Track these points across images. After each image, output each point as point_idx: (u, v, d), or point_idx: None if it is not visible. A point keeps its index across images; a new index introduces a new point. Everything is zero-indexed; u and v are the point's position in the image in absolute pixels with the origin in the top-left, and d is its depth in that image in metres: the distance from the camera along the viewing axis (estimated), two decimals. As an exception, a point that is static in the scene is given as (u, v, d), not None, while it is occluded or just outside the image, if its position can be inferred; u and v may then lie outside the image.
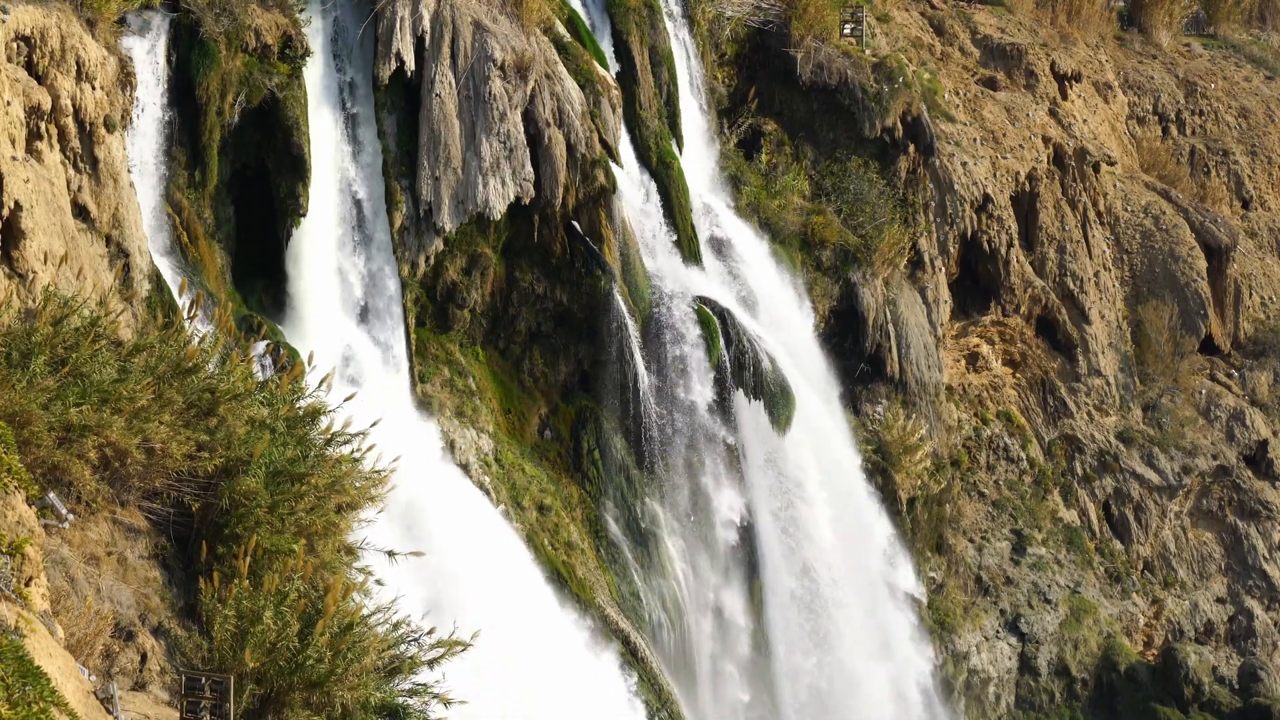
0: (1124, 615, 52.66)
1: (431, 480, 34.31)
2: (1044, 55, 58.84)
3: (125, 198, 30.03)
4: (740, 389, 41.02)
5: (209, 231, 34.14)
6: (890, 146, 49.06)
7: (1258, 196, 64.05)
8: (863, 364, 47.46)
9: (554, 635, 35.51)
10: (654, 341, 40.11)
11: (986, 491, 52.34)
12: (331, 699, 17.43)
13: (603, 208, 39.49)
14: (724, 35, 48.43)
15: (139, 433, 18.65)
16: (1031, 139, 54.79)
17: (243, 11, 34.07)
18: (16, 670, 13.03)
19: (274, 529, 19.07)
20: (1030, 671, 50.48)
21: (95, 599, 17.53)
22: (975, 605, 50.16)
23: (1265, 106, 66.32)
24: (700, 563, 41.18)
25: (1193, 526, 55.89)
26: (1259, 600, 55.37)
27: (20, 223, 25.85)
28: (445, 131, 37.10)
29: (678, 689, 38.89)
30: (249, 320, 33.35)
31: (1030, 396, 54.54)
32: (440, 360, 38.19)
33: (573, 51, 40.24)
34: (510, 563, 35.96)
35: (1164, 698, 51.38)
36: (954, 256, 51.98)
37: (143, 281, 30.19)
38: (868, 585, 45.24)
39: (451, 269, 38.34)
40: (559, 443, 40.05)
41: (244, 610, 17.32)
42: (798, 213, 47.35)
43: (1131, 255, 58.16)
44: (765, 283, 44.87)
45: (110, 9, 30.60)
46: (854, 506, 45.19)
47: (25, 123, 27.26)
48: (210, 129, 33.66)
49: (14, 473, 15.83)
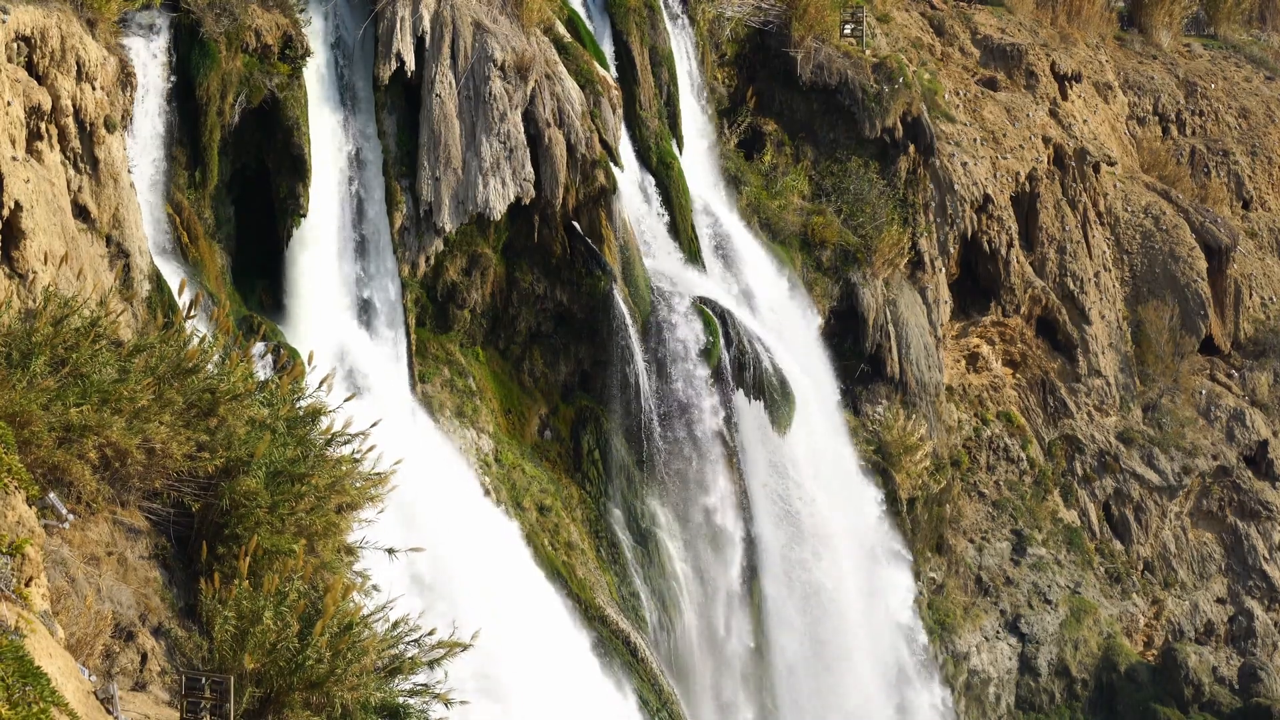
0: (1124, 616, 52.66)
1: (431, 480, 34.28)
2: (1044, 55, 58.83)
3: (125, 198, 30.02)
4: (740, 389, 41.02)
5: (209, 231, 34.13)
6: (890, 146, 49.05)
7: (1258, 197, 64.04)
8: (863, 364, 47.47)
9: (555, 636, 35.51)
10: (654, 341, 40.09)
11: (986, 492, 52.34)
12: (331, 699, 17.43)
13: (603, 208, 39.49)
14: (724, 35, 48.42)
15: (139, 433, 18.64)
16: (1031, 139, 54.78)
17: (243, 11, 34.06)
18: (16, 670, 13.03)
19: (274, 529, 19.06)
20: (1030, 672, 50.47)
21: (95, 599, 17.52)
22: (975, 605, 50.16)
23: (1265, 107, 66.30)
24: (700, 563, 41.18)
25: (1193, 527, 55.88)
26: (1259, 601, 55.37)
27: (20, 223, 25.84)
28: (445, 131, 37.10)
29: (677, 689, 38.90)
30: (249, 320, 33.34)
31: (1030, 397, 54.54)
32: (440, 360, 38.19)
33: (573, 51, 40.24)
34: (511, 562, 35.96)
35: (1164, 698, 51.38)
36: (954, 257, 51.98)
37: (143, 282, 30.17)
38: (868, 585, 45.25)
39: (451, 269, 38.34)
40: (559, 443, 40.05)
41: (244, 611, 17.32)
42: (798, 213, 47.36)
43: (1131, 255, 58.17)
44: (765, 283, 44.87)
45: (110, 9, 30.58)
46: (854, 507, 45.19)
47: (25, 123, 27.25)
48: (210, 129, 33.66)
49: (14, 473, 15.83)
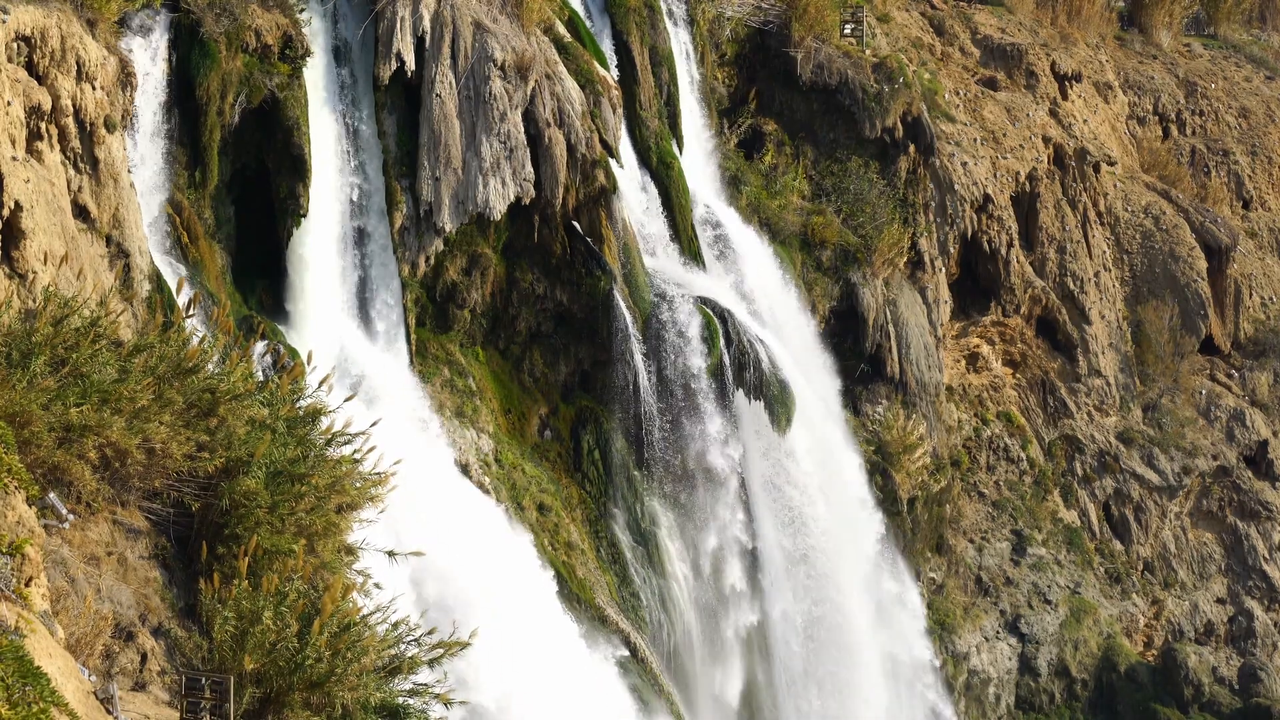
0: (1124, 616, 52.66)
1: (431, 480, 34.28)
2: (1044, 55, 58.83)
3: (125, 198, 30.03)
4: (740, 389, 41.01)
5: (209, 231, 34.14)
6: (890, 146, 49.04)
7: (1258, 196, 64.04)
8: (863, 364, 47.47)
9: (556, 634, 35.50)
10: (654, 341, 40.09)
11: (986, 492, 52.34)
12: (331, 699, 17.43)
13: (603, 208, 39.49)
14: (724, 35, 48.42)
15: (139, 433, 18.63)
16: (1031, 139, 54.78)
17: (243, 11, 34.07)
18: (16, 670, 13.03)
19: (274, 529, 19.05)
20: (1030, 672, 50.47)
21: (95, 599, 17.52)
22: (975, 606, 50.16)
23: (1265, 106, 66.30)
24: (700, 563, 41.17)
25: (1193, 527, 55.88)
26: (1259, 601, 55.36)
27: (20, 223, 25.86)
28: (445, 131, 37.09)
29: (677, 689, 38.90)
30: (249, 320, 33.35)
31: (1030, 397, 54.53)
32: (440, 360, 38.18)
33: (573, 51, 40.23)
34: (511, 562, 35.95)
35: (1164, 698, 51.38)
36: (954, 256, 51.98)
37: (143, 282, 30.18)
38: (868, 584, 45.25)
39: (452, 269, 38.33)
40: (559, 443, 40.05)
41: (244, 611, 17.31)
42: (798, 213, 47.36)
43: (1131, 255, 58.16)
44: (765, 283, 44.87)
45: (110, 9, 30.60)
46: (854, 506, 45.19)
47: (25, 123, 27.26)
48: (210, 129, 33.66)
49: (14, 473, 15.83)
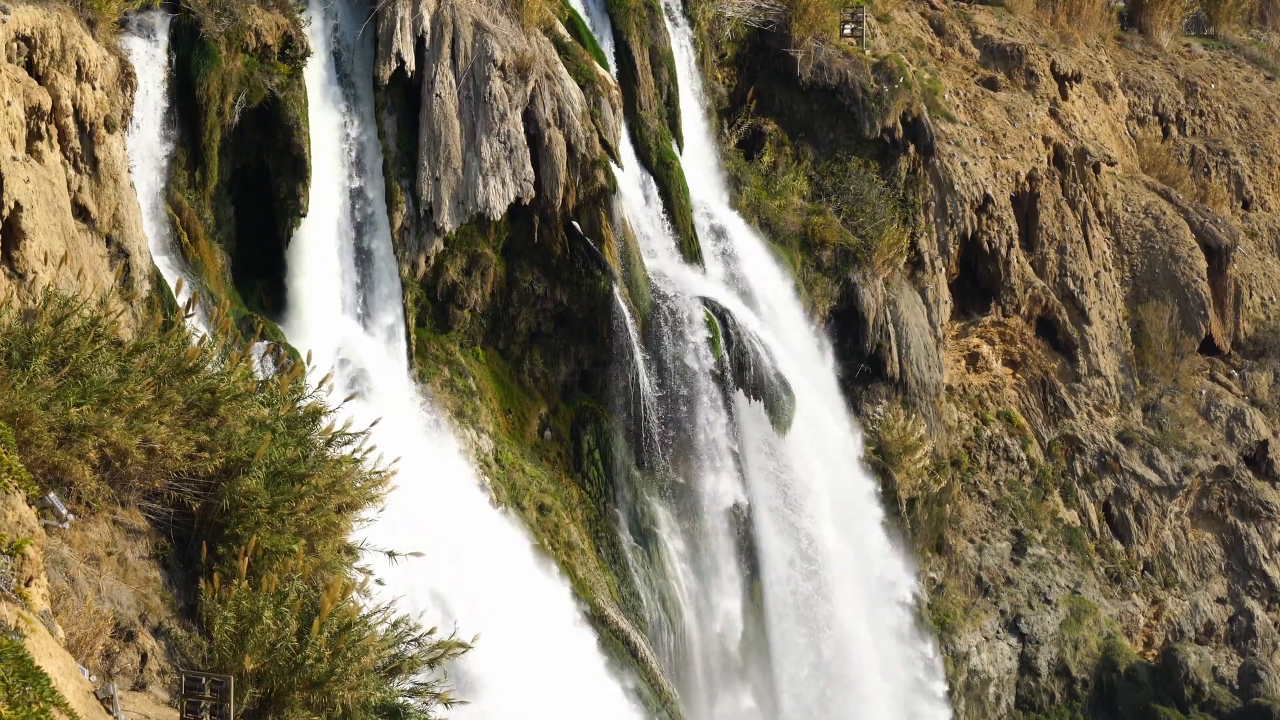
0: (1124, 616, 52.66)
1: (431, 480, 34.26)
2: (1044, 55, 58.82)
3: (125, 198, 30.02)
4: (741, 389, 41.02)
5: (209, 231, 34.14)
6: (890, 147, 49.03)
7: (1258, 197, 64.04)
8: (863, 364, 47.46)
9: (555, 634, 35.50)
10: (654, 341, 40.10)
11: (986, 492, 52.33)
12: (331, 699, 17.43)
13: (603, 208, 39.49)
14: (724, 35, 48.42)
15: (139, 433, 18.62)
16: (1031, 139, 54.78)
17: (243, 11, 34.07)
18: (16, 670, 13.03)
19: (274, 529, 19.03)
20: (1030, 672, 50.47)
21: (95, 599, 17.51)
22: (975, 606, 50.16)
23: (1265, 107, 66.30)
24: (700, 563, 41.17)
25: (1193, 527, 55.88)
26: (1259, 601, 55.37)
27: (20, 223, 25.86)
28: (445, 131, 37.09)
29: (677, 689, 38.89)
30: (249, 320, 33.34)
31: (1030, 397, 54.53)
32: (440, 360, 38.18)
33: (573, 51, 40.23)
34: (512, 562, 35.95)
35: (1164, 698, 51.38)
36: (954, 257, 51.97)
37: (143, 282, 30.18)
38: (868, 585, 45.24)
39: (452, 269, 38.33)
40: (559, 443, 40.04)
41: (244, 610, 17.31)
42: (798, 213, 47.35)
43: (1131, 255, 58.16)
44: (765, 282, 44.88)
45: (110, 9, 30.59)
46: (854, 506, 45.19)
47: (25, 123, 27.26)
48: (210, 129, 33.66)
49: (14, 473, 15.82)
